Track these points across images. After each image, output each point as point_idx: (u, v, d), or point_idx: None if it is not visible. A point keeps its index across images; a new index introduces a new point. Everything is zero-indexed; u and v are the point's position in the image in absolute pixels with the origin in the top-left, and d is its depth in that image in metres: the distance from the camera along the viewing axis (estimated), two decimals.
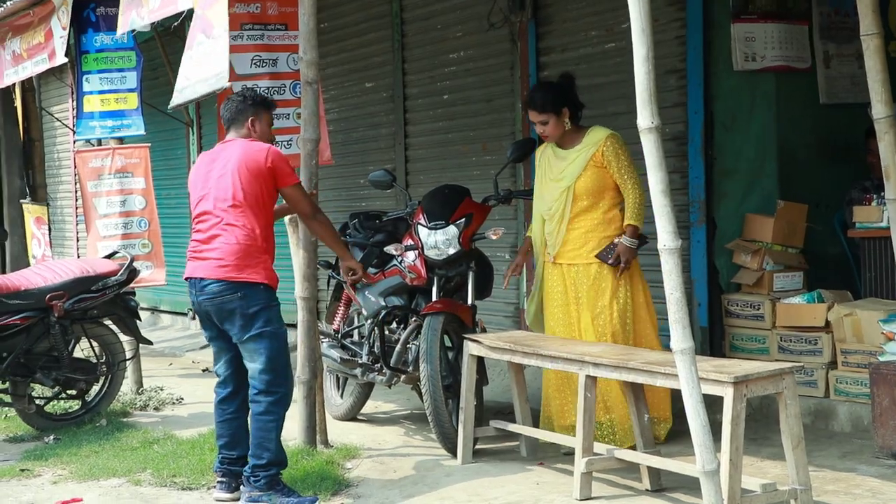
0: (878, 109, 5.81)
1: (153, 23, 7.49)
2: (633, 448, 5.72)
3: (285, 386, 5.61)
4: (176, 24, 7.34)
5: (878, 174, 6.06)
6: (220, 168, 5.63)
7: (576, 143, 6.42)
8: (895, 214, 5.86)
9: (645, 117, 4.51)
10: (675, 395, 4.85)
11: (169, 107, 7.32)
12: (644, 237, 6.35)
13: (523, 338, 6.32)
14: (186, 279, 5.73)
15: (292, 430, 6.68)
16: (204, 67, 6.30)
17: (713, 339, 7.43)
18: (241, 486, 5.63)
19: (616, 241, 6.29)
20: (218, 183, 5.60)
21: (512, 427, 6.30)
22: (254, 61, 7.12)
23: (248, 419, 5.68)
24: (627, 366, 5.26)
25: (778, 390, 4.82)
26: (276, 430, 5.58)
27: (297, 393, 6.54)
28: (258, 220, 5.58)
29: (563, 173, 6.39)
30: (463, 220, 6.80)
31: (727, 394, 4.70)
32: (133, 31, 7.98)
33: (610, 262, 6.27)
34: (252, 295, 5.52)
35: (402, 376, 6.82)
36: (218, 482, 5.82)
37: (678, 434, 6.27)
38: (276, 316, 5.60)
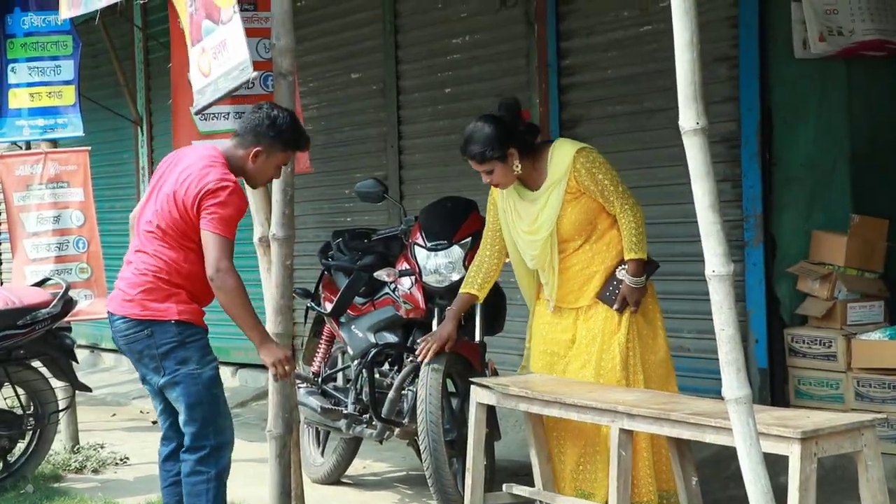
0: None
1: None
2: None
3: (214, 438, 5.51)
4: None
5: None
6: (172, 179, 5.52)
7: (541, 177, 6.22)
8: None
9: (689, 117, 4.48)
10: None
11: (193, 111, 7.31)
12: (653, 263, 6.29)
13: (543, 382, 6.27)
14: None
15: (262, 496, 6.66)
16: (221, 59, 6.28)
17: (774, 383, 7.45)
18: None
19: (620, 276, 6.17)
20: (157, 197, 5.53)
21: (530, 493, 6.24)
22: None
23: None
24: (670, 417, 5.21)
25: (856, 448, 4.78)
26: (208, 495, 5.50)
27: (269, 450, 6.50)
28: (180, 252, 5.45)
29: (537, 222, 6.24)
30: (469, 239, 6.82)
31: (794, 452, 4.65)
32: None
33: (616, 307, 6.16)
34: (161, 332, 5.44)
35: (397, 430, 6.81)
36: None
37: (731, 501, 6.22)
38: (194, 354, 5.47)
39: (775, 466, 4.68)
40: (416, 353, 6.53)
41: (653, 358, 6.19)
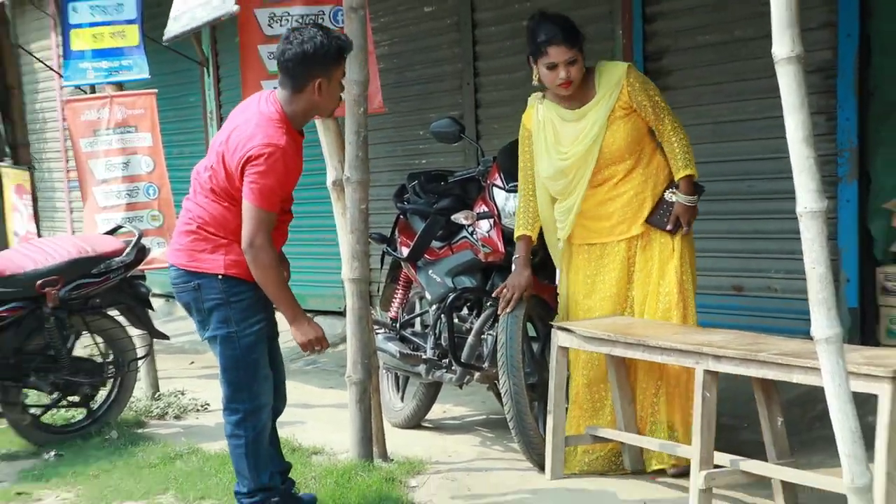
0: None
1: None
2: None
3: (249, 402, 5.58)
4: None
5: None
6: (224, 136, 5.50)
7: (586, 96, 6.31)
8: None
9: (784, 43, 4.45)
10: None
11: (164, 39, 7.39)
12: (699, 186, 6.37)
13: (626, 325, 6.34)
14: None
15: (342, 441, 6.84)
16: None
17: (865, 323, 7.46)
18: None
19: (670, 198, 6.30)
20: (216, 147, 5.53)
21: (612, 434, 6.38)
22: None
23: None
24: (757, 358, 5.29)
25: None
26: (247, 456, 5.62)
27: (349, 396, 6.69)
28: (228, 207, 5.47)
29: (579, 141, 6.30)
30: None
31: (884, 391, 4.72)
32: None
33: (668, 227, 6.27)
34: (207, 287, 5.49)
35: (477, 374, 6.91)
36: None
37: (817, 441, 6.32)
38: (235, 315, 5.50)
39: (864, 407, 4.73)
40: (497, 304, 6.60)
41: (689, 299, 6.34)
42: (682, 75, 8.54)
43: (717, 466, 5.58)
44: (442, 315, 7.03)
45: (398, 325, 7.56)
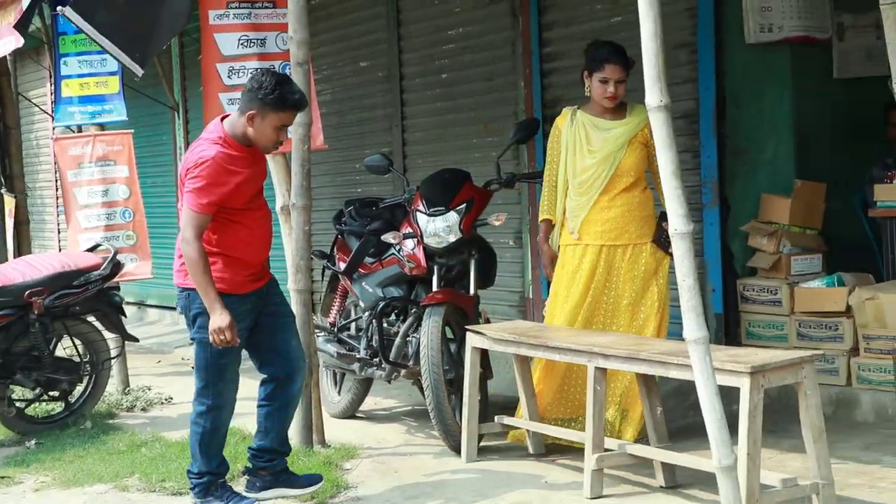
0: None
1: None
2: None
3: (212, 399, 5.45)
4: None
5: None
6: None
7: (619, 116, 6.32)
8: None
9: (654, 95, 4.51)
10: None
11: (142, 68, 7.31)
12: None
13: (529, 328, 6.33)
14: None
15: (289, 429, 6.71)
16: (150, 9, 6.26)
17: (728, 326, 7.45)
18: None
19: (666, 227, 6.16)
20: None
21: (518, 422, 6.31)
22: (241, 41, 7.11)
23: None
24: (639, 356, 5.26)
25: (797, 380, 4.82)
26: (201, 444, 5.48)
27: None
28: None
29: (606, 144, 6.26)
30: (464, 205, 6.79)
31: (744, 384, 4.70)
32: None
33: (670, 251, 6.01)
34: (194, 298, 5.35)
35: (403, 371, 6.85)
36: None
37: (692, 428, 6.27)
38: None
39: (728, 397, 4.73)
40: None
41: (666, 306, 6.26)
42: None
43: (607, 450, 5.51)
44: (373, 320, 6.96)
45: (336, 329, 7.46)
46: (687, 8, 7.64)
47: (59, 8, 7.36)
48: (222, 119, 5.44)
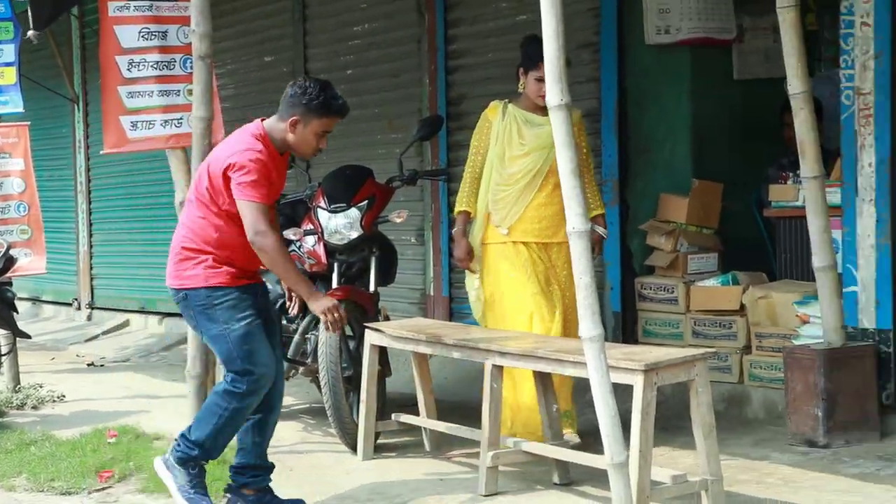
0: (795, 84, 5.95)
1: None
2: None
3: (247, 385, 5.18)
4: None
5: (794, 149, 6.18)
6: (210, 154, 5.38)
7: (545, 112, 6.17)
8: (811, 193, 6.02)
9: (555, 94, 4.51)
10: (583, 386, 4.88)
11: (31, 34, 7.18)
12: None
13: (427, 326, 6.32)
14: None
15: (182, 427, 6.61)
16: None
17: (626, 324, 7.53)
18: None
19: (593, 227, 6.05)
20: (203, 165, 5.34)
21: (414, 420, 6.31)
22: (142, 34, 6.99)
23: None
24: (536, 354, 5.27)
25: (689, 378, 4.85)
26: (218, 420, 5.20)
27: (188, 389, 6.49)
28: (208, 219, 5.21)
29: (538, 140, 6.14)
30: (365, 202, 6.76)
31: (637, 382, 4.72)
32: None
33: (594, 254, 6.03)
34: (194, 296, 5.25)
35: (301, 368, 6.79)
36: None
37: (589, 422, 6.31)
38: (222, 314, 5.17)
39: (624, 394, 4.77)
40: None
41: None
42: (476, 117, 8.45)
43: (504, 448, 5.53)
44: None
45: None
46: (590, 8, 7.71)
47: None
48: (262, 120, 5.35)
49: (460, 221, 6.42)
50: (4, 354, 7.99)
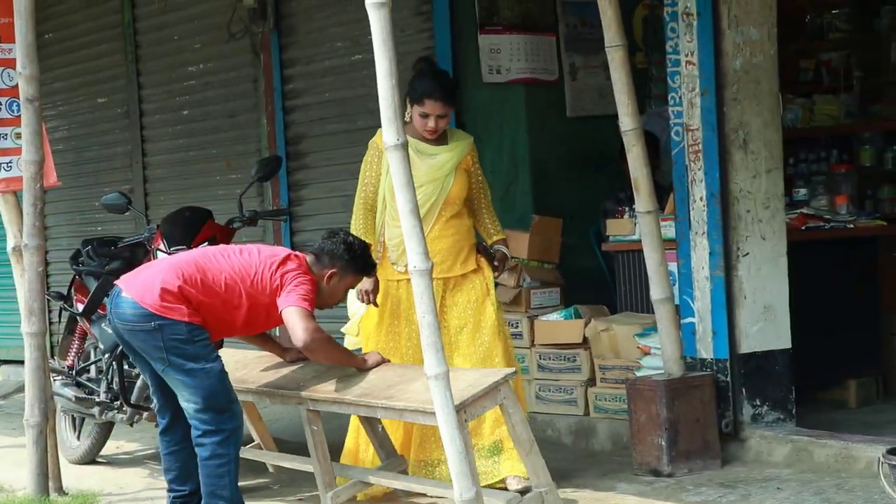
0: (626, 122, 6.08)
1: None
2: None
3: (231, 422, 5.19)
4: None
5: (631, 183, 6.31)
6: (254, 256, 5.33)
7: (441, 141, 5.92)
8: (646, 227, 6.14)
9: (391, 134, 4.54)
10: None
11: None
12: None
13: (252, 360, 6.11)
14: None
15: (22, 478, 6.44)
16: None
17: None
18: None
19: (496, 247, 5.99)
20: (235, 259, 5.31)
21: (256, 454, 6.27)
22: None
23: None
24: (344, 400, 5.25)
25: (498, 402, 4.88)
26: (231, 473, 5.18)
27: (27, 437, 6.31)
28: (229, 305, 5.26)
29: (431, 171, 5.83)
30: (206, 243, 6.67)
31: None
32: None
33: (495, 262, 5.95)
34: (171, 328, 5.15)
35: (145, 413, 6.66)
36: None
37: None
38: (202, 351, 5.18)
39: None
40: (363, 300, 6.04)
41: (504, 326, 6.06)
42: (316, 157, 8.67)
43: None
44: (113, 362, 6.73)
45: (75, 371, 7.21)
46: (425, 47, 7.77)
47: None
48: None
49: None
50: None
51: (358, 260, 5.39)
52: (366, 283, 5.82)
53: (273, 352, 5.87)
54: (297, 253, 5.41)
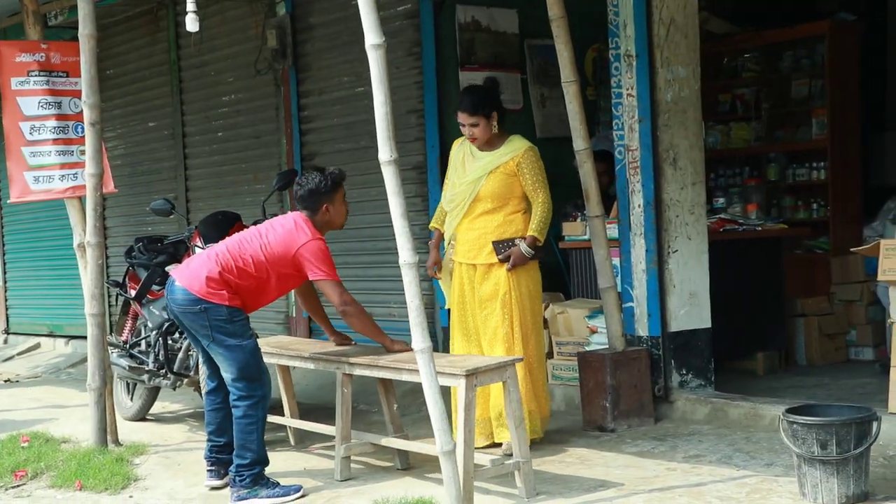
0: (578, 143, 6.07)
1: None
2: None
3: (260, 389, 5.18)
4: None
5: None
6: (273, 231, 5.28)
7: (494, 147, 5.73)
8: (594, 229, 6.13)
9: (385, 151, 4.52)
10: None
11: None
12: (541, 251, 5.74)
13: (289, 342, 6.24)
14: None
15: (86, 432, 6.41)
16: None
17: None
18: (230, 486, 5.23)
19: (516, 241, 5.66)
20: (259, 239, 5.28)
21: (278, 419, 6.20)
22: (41, 104, 6.88)
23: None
24: (378, 364, 5.24)
25: (503, 379, 4.88)
26: (258, 431, 5.18)
27: (90, 399, 6.31)
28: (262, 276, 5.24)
29: (474, 171, 5.69)
30: None
31: (460, 384, 4.73)
32: None
33: (500, 257, 5.64)
34: (214, 311, 5.16)
35: (185, 380, 6.67)
36: (208, 470, 5.48)
37: (422, 420, 6.26)
38: (239, 330, 5.18)
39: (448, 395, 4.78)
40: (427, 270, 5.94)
41: (524, 319, 5.67)
42: None
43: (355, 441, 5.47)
44: (159, 338, 6.72)
45: (128, 345, 7.17)
46: (416, 81, 7.72)
47: None
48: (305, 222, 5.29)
49: (435, 236, 6.03)
50: None
51: (328, 181, 5.32)
52: (428, 259, 5.92)
53: (325, 328, 5.78)
54: (299, 215, 5.31)
